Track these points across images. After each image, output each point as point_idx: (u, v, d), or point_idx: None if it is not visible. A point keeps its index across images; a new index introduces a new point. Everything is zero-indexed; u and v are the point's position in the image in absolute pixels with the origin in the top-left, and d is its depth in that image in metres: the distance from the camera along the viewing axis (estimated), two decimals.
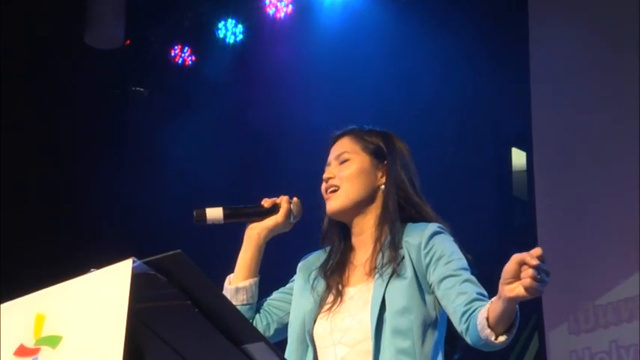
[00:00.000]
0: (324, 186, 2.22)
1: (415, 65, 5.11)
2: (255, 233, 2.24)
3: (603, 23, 4.73)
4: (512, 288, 1.72)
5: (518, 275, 1.71)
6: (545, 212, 4.85)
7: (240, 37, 5.72)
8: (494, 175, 5.50)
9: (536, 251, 1.70)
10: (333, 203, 2.18)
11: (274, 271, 2.29)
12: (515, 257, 1.71)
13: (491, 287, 1.91)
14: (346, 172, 2.19)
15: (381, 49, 5.26)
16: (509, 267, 1.72)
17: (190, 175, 5.48)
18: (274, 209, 2.24)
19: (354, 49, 5.35)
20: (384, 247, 2.12)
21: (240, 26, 5.72)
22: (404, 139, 2.34)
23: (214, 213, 2.17)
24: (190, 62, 5.82)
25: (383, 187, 2.20)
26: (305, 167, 2.44)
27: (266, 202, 2.26)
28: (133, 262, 1.34)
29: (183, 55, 5.81)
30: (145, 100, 5.87)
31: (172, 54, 5.79)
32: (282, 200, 2.26)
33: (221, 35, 5.72)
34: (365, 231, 2.19)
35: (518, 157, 5.42)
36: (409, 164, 2.25)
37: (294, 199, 2.28)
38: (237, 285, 2.20)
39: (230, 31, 5.72)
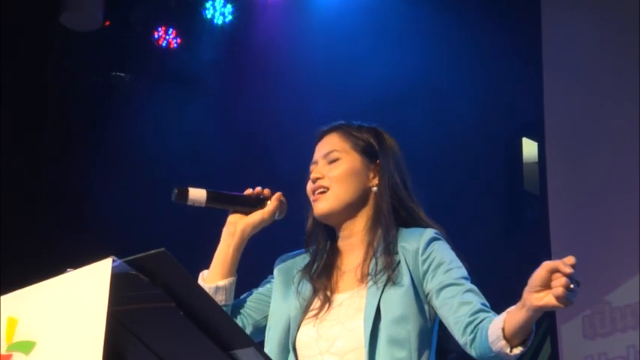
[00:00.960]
0: (310, 186, 2.22)
1: (421, 51, 5.11)
2: (239, 229, 2.22)
3: (619, 8, 4.74)
4: (541, 297, 1.74)
5: (547, 284, 1.73)
6: (558, 207, 4.85)
7: (230, 17, 5.71)
8: (504, 167, 5.51)
9: (570, 259, 1.72)
10: (322, 205, 2.18)
11: (244, 269, 2.29)
12: (547, 265, 1.73)
13: (502, 283, 1.92)
14: (336, 172, 2.19)
15: (384, 32, 5.25)
16: (540, 274, 1.74)
17: (176, 167, 5.47)
18: (260, 202, 2.24)
19: (354, 32, 5.34)
20: (377, 253, 2.13)
21: (229, 6, 5.71)
22: (406, 128, 2.34)
23: (197, 193, 2.17)
24: (175, 45, 5.80)
25: (375, 189, 2.21)
26: (297, 160, 2.43)
27: (252, 193, 2.25)
28: (113, 261, 1.34)
29: (167, 37, 5.80)
30: (126, 87, 5.85)
31: (156, 36, 5.78)
32: (275, 197, 2.24)
33: (209, 16, 5.71)
34: (354, 235, 2.21)
35: (530, 148, 5.43)
36: (401, 164, 2.25)
37: (278, 194, 2.27)
38: (218, 284, 2.18)
39: (218, 11, 5.71)
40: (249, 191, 2.25)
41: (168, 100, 5.69)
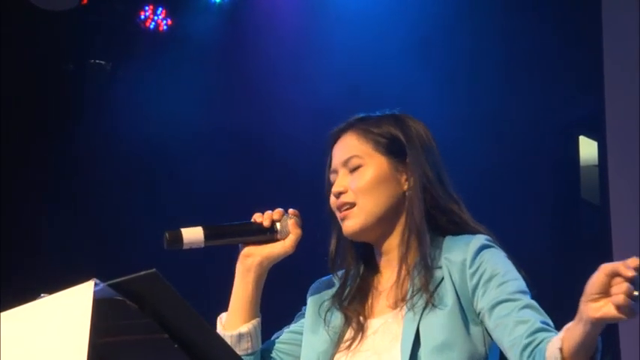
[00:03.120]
0: (333, 201, 2.22)
1: (458, 34, 5.11)
2: (255, 263, 2.23)
3: None
4: (599, 307, 1.70)
5: (606, 291, 1.70)
6: (622, 219, 4.84)
7: None
8: (557, 170, 5.50)
9: (633, 261, 1.69)
10: (351, 223, 2.19)
11: (274, 301, 2.30)
12: (605, 268, 1.70)
13: (554, 314, 1.91)
14: (360, 183, 2.19)
15: (414, 12, 5.25)
16: (597, 279, 1.70)
17: (166, 171, 5.49)
18: (272, 228, 2.24)
19: (380, 9, 5.34)
20: (413, 269, 2.14)
21: None
22: (440, 124, 2.34)
23: (192, 234, 2.15)
24: (165, 27, 5.82)
25: (408, 192, 2.20)
26: (308, 160, 2.44)
27: (266, 220, 2.22)
28: (95, 284, 1.35)
29: (155, 18, 5.81)
30: (107, 76, 5.87)
31: (142, 17, 5.80)
32: (292, 225, 2.24)
33: None
34: (392, 250, 2.22)
35: (588, 148, 5.41)
36: (434, 154, 2.24)
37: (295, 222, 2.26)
38: (240, 330, 2.19)
39: None
40: (257, 216, 2.24)
41: (156, 91, 5.70)
